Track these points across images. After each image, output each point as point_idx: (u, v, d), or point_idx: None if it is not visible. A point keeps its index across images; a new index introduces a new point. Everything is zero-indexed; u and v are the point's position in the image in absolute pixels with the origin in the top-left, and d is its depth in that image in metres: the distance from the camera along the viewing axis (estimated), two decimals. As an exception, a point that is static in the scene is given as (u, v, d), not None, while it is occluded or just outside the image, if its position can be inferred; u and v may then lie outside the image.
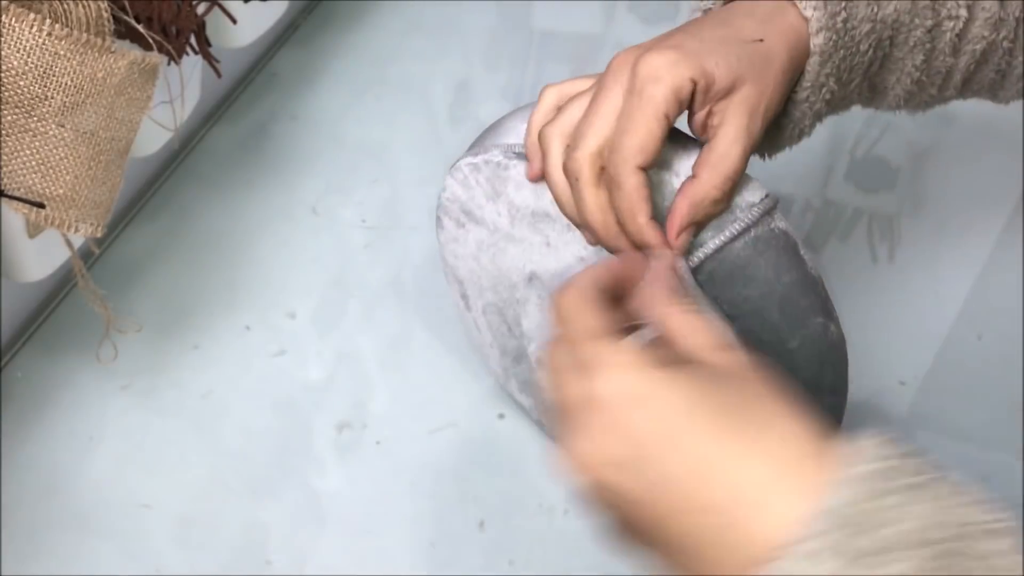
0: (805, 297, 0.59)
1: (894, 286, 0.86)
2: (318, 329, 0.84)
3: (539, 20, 1.06)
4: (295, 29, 1.05)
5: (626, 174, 0.56)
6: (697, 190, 0.57)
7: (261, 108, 0.98)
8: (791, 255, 0.59)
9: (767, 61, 0.58)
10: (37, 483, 0.75)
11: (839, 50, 0.60)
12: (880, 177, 0.94)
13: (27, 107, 0.60)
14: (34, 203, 0.62)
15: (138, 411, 0.79)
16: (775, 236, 0.59)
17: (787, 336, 0.59)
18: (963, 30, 0.64)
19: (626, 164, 0.56)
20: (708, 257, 0.58)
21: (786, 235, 0.59)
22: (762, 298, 0.59)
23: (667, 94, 0.55)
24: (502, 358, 0.75)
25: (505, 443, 0.78)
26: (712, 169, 0.57)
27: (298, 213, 0.91)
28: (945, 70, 0.66)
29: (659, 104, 0.55)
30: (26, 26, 0.59)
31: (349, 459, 0.77)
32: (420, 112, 0.98)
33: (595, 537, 0.47)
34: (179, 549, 0.72)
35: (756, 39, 0.58)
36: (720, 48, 0.57)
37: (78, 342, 0.81)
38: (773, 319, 0.59)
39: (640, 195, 0.56)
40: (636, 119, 0.56)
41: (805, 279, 0.59)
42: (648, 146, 0.55)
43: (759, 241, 0.58)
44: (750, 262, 0.58)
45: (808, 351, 0.60)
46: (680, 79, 0.55)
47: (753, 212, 0.58)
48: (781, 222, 0.60)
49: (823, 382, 0.61)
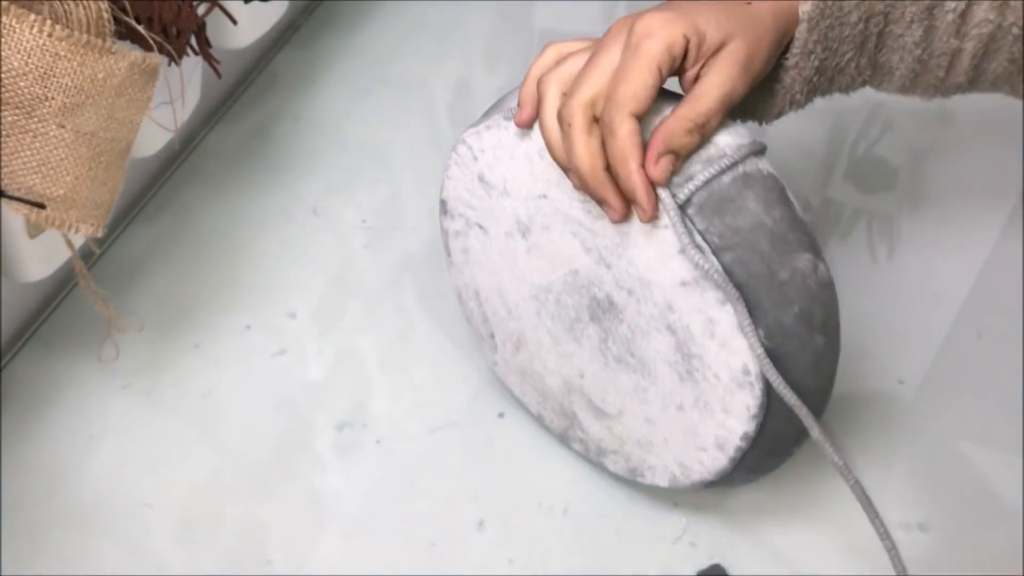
0: (793, 232, 0.61)
1: (894, 286, 0.86)
2: (318, 329, 0.84)
3: (539, 20, 1.06)
4: (296, 30, 1.05)
5: (620, 120, 0.59)
6: (671, 120, 0.60)
7: (262, 109, 0.98)
8: (779, 194, 0.62)
9: (756, 20, 0.62)
10: (37, 483, 0.75)
11: (826, 18, 0.63)
12: (880, 177, 0.94)
13: (27, 108, 0.60)
14: (34, 203, 0.62)
15: (139, 410, 0.79)
16: (762, 176, 0.62)
17: (777, 267, 0.61)
18: (966, 10, 0.66)
19: (620, 111, 0.59)
20: (697, 189, 0.60)
21: (773, 178, 0.62)
22: (751, 230, 0.60)
23: (660, 48, 0.59)
24: (503, 347, 0.75)
25: (505, 443, 0.78)
26: (688, 103, 0.60)
27: (298, 213, 0.91)
28: (951, 52, 0.67)
29: (653, 57, 0.59)
30: (26, 27, 0.59)
31: (349, 459, 0.77)
32: (420, 112, 0.98)
33: None
34: (179, 548, 0.72)
35: (746, 1, 0.62)
36: (712, 8, 0.61)
37: (79, 342, 0.81)
38: (762, 249, 0.60)
39: (633, 141, 0.59)
40: (631, 69, 0.59)
41: (793, 217, 0.62)
42: (641, 94, 0.59)
43: (747, 176, 0.61)
44: (738, 195, 0.61)
45: (798, 285, 0.61)
46: (673, 35, 0.59)
47: (740, 151, 0.61)
48: (768, 167, 0.62)
49: (814, 319, 0.62)
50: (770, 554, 0.73)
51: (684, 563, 0.73)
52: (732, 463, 0.65)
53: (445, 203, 0.73)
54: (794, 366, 0.62)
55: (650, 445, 0.69)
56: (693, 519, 0.74)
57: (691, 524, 0.74)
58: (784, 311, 0.61)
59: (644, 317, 0.65)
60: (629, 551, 0.73)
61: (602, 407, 0.71)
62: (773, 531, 0.73)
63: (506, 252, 0.71)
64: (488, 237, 0.71)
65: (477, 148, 0.69)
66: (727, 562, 0.72)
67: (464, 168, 0.70)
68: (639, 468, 0.71)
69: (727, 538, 0.74)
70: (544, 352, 0.72)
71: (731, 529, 0.74)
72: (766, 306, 0.61)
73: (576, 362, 0.71)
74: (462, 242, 0.73)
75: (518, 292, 0.72)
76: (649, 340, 0.66)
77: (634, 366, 0.67)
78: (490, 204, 0.70)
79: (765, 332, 0.61)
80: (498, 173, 0.68)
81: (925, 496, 0.75)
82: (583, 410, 0.72)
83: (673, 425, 0.67)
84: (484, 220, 0.71)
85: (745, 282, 0.60)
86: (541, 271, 0.69)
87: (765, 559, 0.73)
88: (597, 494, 0.75)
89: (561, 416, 0.74)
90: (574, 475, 0.76)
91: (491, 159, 0.68)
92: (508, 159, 0.67)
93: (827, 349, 0.63)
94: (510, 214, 0.69)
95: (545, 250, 0.68)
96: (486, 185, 0.69)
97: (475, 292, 0.75)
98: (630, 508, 0.75)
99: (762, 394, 0.62)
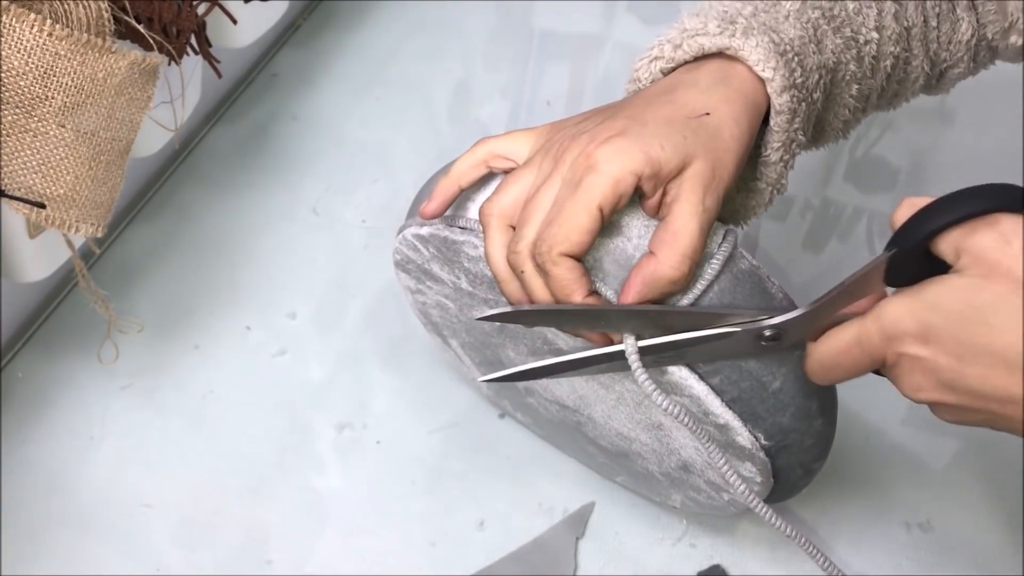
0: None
1: (894, 286, 0.85)
2: (318, 329, 0.84)
3: (539, 20, 1.06)
4: (295, 29, 1.05)
5: (551, 263, 0.56)
6: (654, 269, 0.56)
7: (261, 108, 0.98)
8: (759, 296, 0.59)
9: (716, 134, 0.57)
10: (37, 483, 0.75)
11: (801, 103, 0.60)
12: (880, 177, 0.94)
13: (28, 107, 0.60)
14: (35, 203, 0.62)
15: (139, 411, 0.79)
16: (740, 282, 0.58)
17: (768, 380, 0.59)
18: (877, 51, 0.65)
19: (550, 253, 0.56)
20: None
21: (751, 274, 0.59)
22: (736, 350, 0.58)
23: (604, 186, 0.55)
24: (488, 385, 0.75)
25: (505, 443, 0.78)
26: (668, 248, 0.56)
27: (298, 213, 0.91)
28: (868, 92, 0.66)
29: (594, 197, 0.55)
30: (27, 26, 0.59)
31: (349, 459, 0.77)
32: (420, 112, 0.98)
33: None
34: (179, 549, 0.72)
35: (702, 113, 0.58)
36: (665, 129, 0.56)
37: (79, 342, 0.81)
38: (751, 368, 0.58)
39: (568, 279, 0.56)
40: (566, 210, 0.55)
41: (771, 307, 0.59)
42: (573, 237, 0.55)
43: (724, 294, 0.58)
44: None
45: (791, 387, 0.59)
46: (622, 171, 0.55)
47: (712, 266, 0.58)
48: (743, 261, 0.59)
49: (810, 411, 0.61)
50: (770, 555, 0.73)
51: (684, 563, 0.73)
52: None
53: (399, 273, 0.71)
54: (796, 452, 0.62)
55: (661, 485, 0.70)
56: (693, 520, 0.74)
57: (691, 525, 0.74)
58: (780, 415, 0.60)
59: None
60: (629, 551, 0.73)
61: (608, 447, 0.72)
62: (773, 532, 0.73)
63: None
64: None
65: (423, 248, 0.66)
66: (727, 563, 0.72)
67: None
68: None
69: (727, 539, 0.74)
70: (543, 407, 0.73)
71: (731, 530, 0.74)
72: (762, 414, 0.59)
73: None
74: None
75: (498, 351, 0.71)
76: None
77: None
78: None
79: (764, 435, 0.60)
80: (449, 273, 0.66)
81: (925, 496, 0.75)
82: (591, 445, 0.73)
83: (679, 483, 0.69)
84: None
85: (737, 398, 0.59)
86: (519, 353, 0.69)
87: (765, 559, 0.73)
88: (597, 495, 0.75)
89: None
90: (574, 475, 0.76)
91: (442, 259, 0.66)
92: (467, 263, 0.65)
93: (826, 426, 0.63)
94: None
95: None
96: (438, 276, 0.67)
97: (453, 342, 0.75)
98: (630, 509, 0.75)
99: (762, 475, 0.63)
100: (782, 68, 0.59)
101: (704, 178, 0.56)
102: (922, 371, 0.52)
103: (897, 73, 0.68)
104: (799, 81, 0.60)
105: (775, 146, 0.61)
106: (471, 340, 0.70)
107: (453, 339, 0.72)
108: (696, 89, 0.59)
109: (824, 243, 0.88)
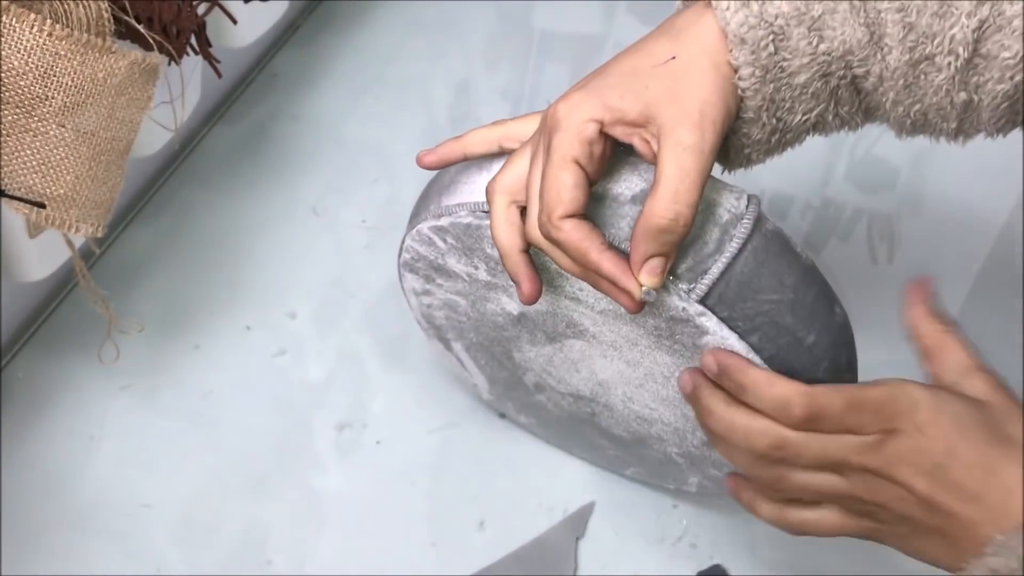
0: (809, 291, 0.61)
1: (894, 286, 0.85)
2: (318, 329, 0.84)
3: (539, 20, 1.06)
4: (295, 29, 1.05)
5: (555, 229, 0.57)
6: (644, 220, 0.56)
7: (261, 108, 0.98)
8: (788, 255, 0.60)
9: (682, 75, 0.57)
10: (37, 483, 0.75)
11: (768, 83, 0.58)
12: (880, 177, 0.94)
13: (28, 107, 0.60)
14: (35, 203, 0.62)
15: (139, 411, 0.79)
16: (769, 242, 0.60)
17: (803, 335, 0.60)
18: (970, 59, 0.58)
19: (551, 220, 0.57)
20: (715, 282, 0.59)
21: (778, 235, 0.60)
22: (772, 307, 0.60)
23: (570, 139, 0.56)
24: (492, 387, 0.75)
25: (505, 443, 0.78)
26: (652, 197, 0.56)
27: (298, 213, 0.91)
28: (959, 104, 0.60)
29: (565, 153, 0.56)
30: (27, 26, 0.59)
31: (349, 459, 0.77)
32: (420, 112, 0.98)
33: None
34: (179, 549, 0.72)
35: (668, 59, 0.58)
36: (625, 80, 0.57)
37: (79, 342, 0.81)
38: (787, 323, 0.60)
39: (575, 238, 0.57)
40: (548, 175, 0.57)
41: (805, 274, 0.61)
42: (564, 196, 0.56)
43: (758, 252, 0.59)
44: (754, 277, 0.59)
45: (824, 341, 0.61)
46: (579, 121, 0.56)
47: (744, 226, 0.59)
48: (769, 223, 0.61)
49: (840, 363, 0.62)
50: (771, 555, 0.73)
51: (684, 563, 0.73)
52: None
53: (404, 275, 0.71)
54: None
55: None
56: (693, 520, 0.74)
57: (691, 525, 0.74)
58: (815, 369, 0.61)
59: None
60: (629, 551, 0.73)
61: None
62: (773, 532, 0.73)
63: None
64: None
65: (439, 240, 0.66)
66: (727, 563, 0.72)
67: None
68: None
69: (727, 539, 0.74)
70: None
71: (731, 530, 0.74)
72: (798, 369, 0.60)
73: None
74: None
75: (509, 347, 0.71)
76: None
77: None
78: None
79: None
80: (466, 263, 0.67)
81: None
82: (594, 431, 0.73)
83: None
84: None
85: (775, 355, 0.60)
86: (536, 345, 0.69)
87: (765, 560, 0.73)
88: (597, 495, 0.75)
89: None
90: (574, 475, 0.76)
91: (460, 248, 0.66)
92: (489, 248, 0.65)
93: (852, 381, 0.64)
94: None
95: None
96: (452, 270, 0.68)
97: (456, 345, 0.75)
98: (630, 509, 0.75)
99: None
100: (746, 49, 0.57)
101: (675, 120, 0.56)
102: None
103: None
104: (765, 61, 0.58)
105: (742, 116, 0.59)
106: (479, 340, 0.70)
107: (458, 342, 0.72)
108: (668, 35, 0.59)
109: (824, 243, 0.88)
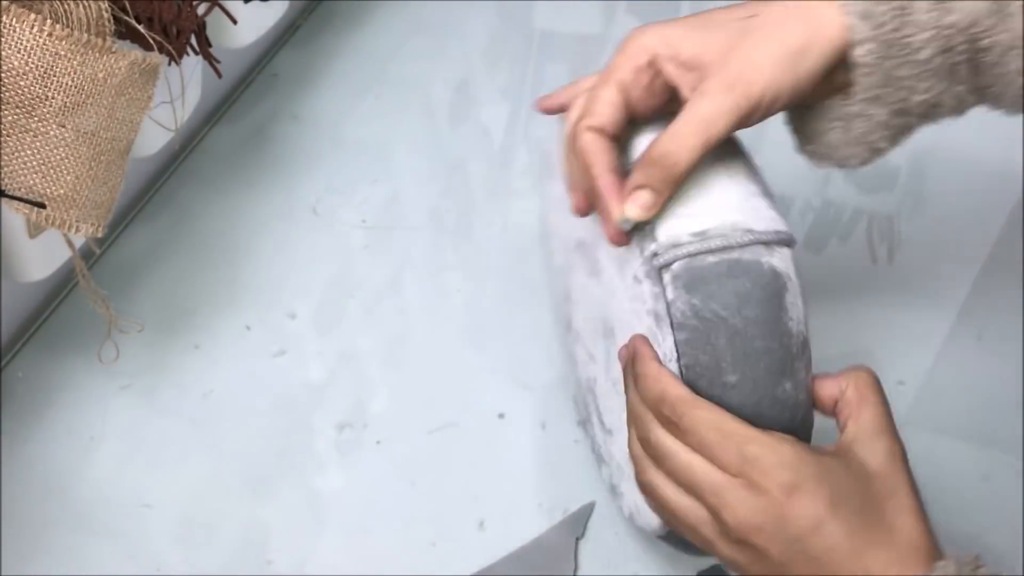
0: (763, 341, 0.57)
1: (894, 286, 0.86)
2: (318, 329, 0.84)
3: (539, 20, 1.06)
4: (295, 29, 1.05)
5: (578, 134, 0.59)
6: (649, 149, 0.58)
7: (261, 108, 0.98)
8: (768, 296, 0.57)
9: (749, 32, 0.57)
10: (37, 483, 0.75)
11: (889, 59, 0.57)
12: (880, 177, 0.93)
13: (28, 107, 0.60)
14: (35, 203, 0.62)
15: (139, 411, 0.79)
16: (759, 272, 0.57)
17: (727, 368, 0.57)
18: None
19: (579, 124, 0.59)
20: (680, 257, 0.57)
21: (775, 276, 0.57)
22: (712, 319, 0.57)
23: (622, 61, 0.59)
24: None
25: (505, 443, 0.78)
26: (659, 139, 0.58)
27: (298, 213, 0.91)
28: None
29: (612, 72, 0.59)
30: (27, 26, 0.59)
31: (349, 459, 0.77)
32: (420, 112, 0.98)
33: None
34: (179, 549, 0.72)
35: (750, 15, 0.58)
36: (698, 23, 0.59)
37: (79, 342, 0.81)
38: (718, 344, 0.57)
39: (588, 150, 0.59)
40: (597, 87, 0.60)
41: (773, 325, 0.57)
42: (597, 109, 0.59)
43: (736, 265, 0.57)
44: (715, 280, 0.57)
45: (746, 392, 0.57)
46: (636, 47, 0.59)
47: (743, 237, 0.57)
48: (779, 263, 0.58)
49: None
50: (770, 554, 0.73)
51: (684, 563, 0.72)
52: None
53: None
54: None
55: (622, 474, 0.68)
56: (693, 519, 0.74)
57: (691, 524, 0.74)
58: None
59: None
60: (629, 551, 0.73)
61: (603, 420, 0.71)
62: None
63: None
64: None
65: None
66: (727, 562, 0.72)
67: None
68: (616, 487, 0.71)
69: (727, 538, 0.74)
70: (581, 343, 0.73)
71: (731, 529, 0.74)
72: (706, 396, 0.57)
73: (592, 369, 0.71)
74: None
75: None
76: None
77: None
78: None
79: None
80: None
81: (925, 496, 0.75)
82: (594, 413, 0.72)
83: None
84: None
85: (689, 366, 0.57)
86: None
87: (765, 559, 0.73)
88: (598, 495, 0.75)
89: (583, 407, 0.75)
90: (574, 476, 0.76)
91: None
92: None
93: None
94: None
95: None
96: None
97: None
98: (630, 508, 0.75)
99: None
100: (866, 19, 0.56)
101: (715, 70, 0.57)
102: None
103: None
104: (888, 36, 0.56)
105: (857, 98, 0.58)
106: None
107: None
108: (767, 4, 0.58)
109: (824, 243, 0.88)
